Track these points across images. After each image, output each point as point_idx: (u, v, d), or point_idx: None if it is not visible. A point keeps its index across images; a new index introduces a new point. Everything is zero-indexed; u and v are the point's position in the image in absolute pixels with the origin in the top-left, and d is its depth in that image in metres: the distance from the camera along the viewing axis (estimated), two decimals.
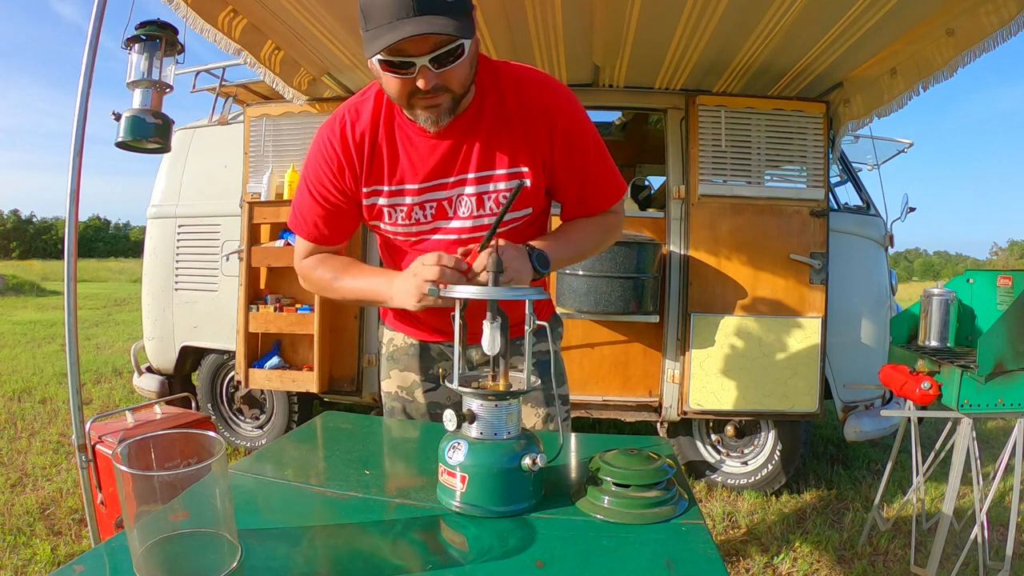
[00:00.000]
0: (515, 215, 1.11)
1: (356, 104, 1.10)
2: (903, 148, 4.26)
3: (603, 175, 1.15)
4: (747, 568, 2.30)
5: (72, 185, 1.89)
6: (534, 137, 1.07)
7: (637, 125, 4.49)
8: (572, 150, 1.09)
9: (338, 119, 1.09)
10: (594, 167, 1.13)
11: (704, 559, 0.70)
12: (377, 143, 1.08)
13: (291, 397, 3.24)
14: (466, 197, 1.09)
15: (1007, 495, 2.68)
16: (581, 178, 1.13)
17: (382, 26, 0.87)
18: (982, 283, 2.19)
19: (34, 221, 77.87)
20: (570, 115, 1.08)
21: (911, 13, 2.05)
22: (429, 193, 1.10)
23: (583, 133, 1.10)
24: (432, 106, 0.97)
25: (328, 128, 1.10)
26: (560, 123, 1.07)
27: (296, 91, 2.88)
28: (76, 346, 1.92)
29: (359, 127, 1.08)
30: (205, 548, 0.63)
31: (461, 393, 0.83)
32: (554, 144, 1.08)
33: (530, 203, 1.12)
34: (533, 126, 1.06)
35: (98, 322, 9.20)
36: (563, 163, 1.10)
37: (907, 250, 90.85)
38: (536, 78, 1.08)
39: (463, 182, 1.08)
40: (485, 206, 1.09)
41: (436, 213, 1.11)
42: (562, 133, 1.08)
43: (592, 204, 1.18)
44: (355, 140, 1.08)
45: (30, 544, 2.29)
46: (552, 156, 1.09)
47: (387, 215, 1.12)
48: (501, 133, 1.06)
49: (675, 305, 2.88)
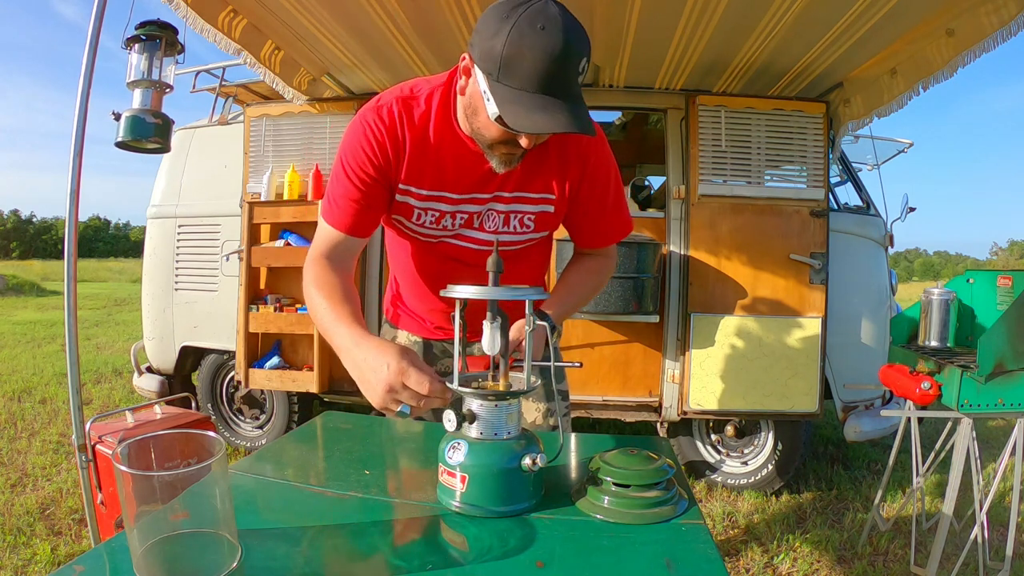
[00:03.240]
0: (534, 236, 1.18)
1: (406, 99, 1.07)
2: (903, 148, 4.26)
3: (618, 213, 1.22)
4: (747, 568, 2.30)
5: (72, 185, 1.89)
6: (567, 171, 1.13)
7: (637, 125, 4.49)
8: (596, 188, 1.16)
9: (386, 107, 1.07)
10: (612, 206, 1.20)
11: (704, 559, 0.70)
12: (423, 146, 1.07)
13: (291, 397, 3.24)
14: (496, 213, 1.14)
15: (1007, 495, 2.68)
16: (598, 215, 1.20)
17: (528, 94, 0.86)
18: (982, 283, 2.19)
19: (34, 221, 77.92)
20: (601, 156, 1.15)
21: (911, 13, 2.05)
22: (463, 204, 1.12)
23: (607, 174, 1.17)
24: (511, 155, 1.02)
25: (375, 112, 1.07)
26: (592, 163, 1.14)
27: (296, 91, 2.88)
28: (76, 346, 1.93)
29: (408, 124, 1.06)
30: (205, 548, 0.63)
31: (461, 393, 0.83)
32: (583, 180, 1.14)
33: (549, 227, 1.19)
34: (568, 160, 1.12)
35: (98, 322, 9.20)
36: (586, 198, 1.17)
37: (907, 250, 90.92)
38: None
39: (497, 199, 1.12)
40: (511, 224, 1.15)
41: (465, 223, 1.15)
42: (592, 172, 1.14)
43: (601, 239, 1.25)
44: (401, 133, 1.07)
45: (30, 544, 2.29)
46: (579, 191, 1.15)
47: (416, 215, 1.13)
48: (540, 162, 1.11)
49: (675, 305, 2.88)
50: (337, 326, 0.96)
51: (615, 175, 1.19)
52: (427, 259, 1.22)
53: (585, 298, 1.26)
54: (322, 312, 1.00)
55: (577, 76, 0.88)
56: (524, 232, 1.16)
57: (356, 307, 1.02)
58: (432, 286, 1.23)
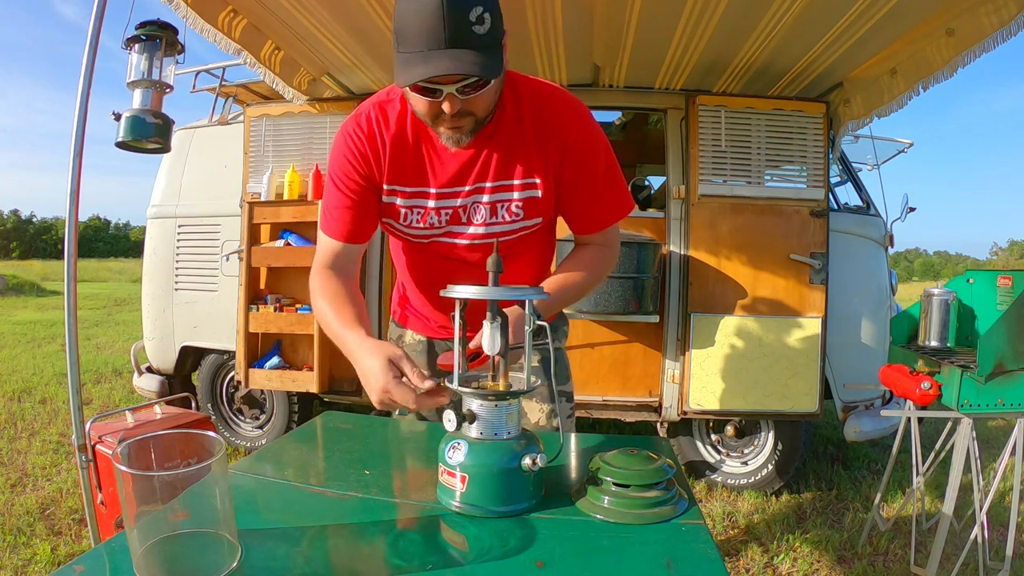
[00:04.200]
0: (527, 224, 1.14)
1: (382, 103, 1.12)
2: (903, 148, 4.26)
3: (610, 193, 1.16)
4: (747, 568, 2.30)
5: (72, 185, 1.89)
6: (547, 151, 1.10)
7: (637, 125, 4.49)
8: (581, 167, 1.12)
9: (364, 114, 1.12)
10: (603, 185, 1.15)
11: (704, 559, 0.70)
12: (402, 146, 1.11)
13: (291, 397, 3.24)
14: (481, 205, 1.12)
15: (1007, 495, 2.68)
16: (589, 195, 1.15)
17: (415, 53, 0.89)
18: (982, 283, 2.19)
19: (34, 221, 77.92)
20: (584, 133, 1.11)
21: (911, 13, 2.05)
22: (446, 200, 1.12)
23: (594, 151, 1.12)
24: (455, 128, 1.01)
25: (354, 121, 1.12)
26: (573, 140, 1.10)
27: (296, 91, 2.88)
28: (76, 346, 1.92)
29: (385, 127, 1.10)
30: (205, 548, 0.63)
31: (461, 393, 0.83)
32: (564, 160, 1.11)
33: (541, 213, 1.15)
34: (547, 141, 1.09)
35: (98, 322, 9.20)
36: (572, 179, 1.12)
37: (907, 250, 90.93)
38: (554, 95, 1.11)
39: (480, 191, 1.11)
40: (498, 214, 1.13)
41: (451, 219, 1.14)
42: (573, 150, 1.10)
43: (595, 221, 1.19)
44: (380, 137, 1.10)
45: (30, 544, 2.29)
46: (562, 171, 1.12)
47: (403, 215, 1.15)
48: (517, 145, 1.09)
49: (675, 305, 2.88)
50: (343, 331, 1.02)
51: (604, 151, 1.14)
52: (423, 260, 1.22)
53: (578, 294, 1.19)
54: (329, 319, 1.06)
55: (470, 26, 0.88)
56: (515, 220, 1.13)
57: (360, 310, 1.07)
58: (431, 286, 1.23)
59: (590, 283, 1.21)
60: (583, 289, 1.20)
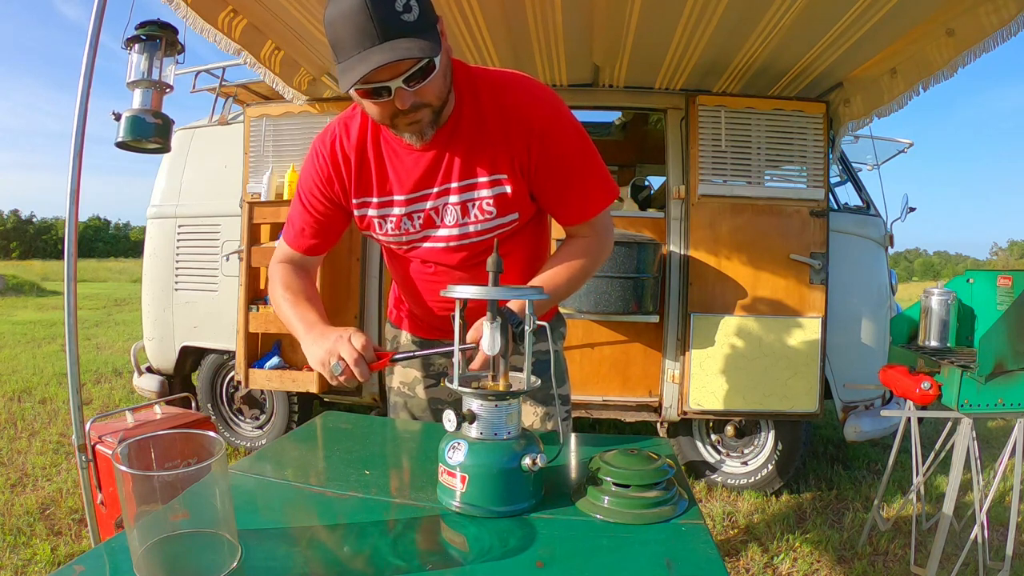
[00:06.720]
0: (502, 221, 1.10)
1: (346, 120, 1.14)
2: (903, 148, 4.25)
3: (588, 180, 1.10)
4: (747, 568, 2.30)
5: (72, 185, 1.89)
6: (512, 143, 1.05)
7: (637, 125, 4.49)
8: (551, 154, 1.06)
9: (329, 133, 1.15)
10: (578, 171, 1.09)
11: (704, 559, 0.70)
12: (365, 158, 1.12)
13: (291, 397, 3.24)
14: (451, 206, 1.10)
15: (1007, 495, 2.68)
16: (562, 180, 1.09)
17: (352, 57, 0.90)
18: (982, 283, 2.19)
19: (34, 221, 77.92)
20: (549, 118, 1.06)
21: (911, 13, 2.05)
22: (415, 204, 1.12)
23: (564, 136, 1.07)
24: (414, 123, 0.99)
25: (320, 141, 1.16)
26: (538, 127, 1.05)
27: (296, 91, 2.88)
28: (76, 346, 1.92)
29: (347, 143, 1.12)
30: (205, 548, 0.63)
31: (461, 393, 0.83)
32: (532, 149, 1.05)
33: (514, 209, 1.10)
34: (510, 132, 1.05)
35: (98, 322, 9.20)
36: (543, 168, 1.07)
37: (907, 250, 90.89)
38: (513, 82, 1.07)
39: (447, 192, 1.09)
40: (470, 213, 1.10)
41: (424, 223, 1.13)
42: (540, 137, 1.05)
43: (576, 208, 1.13)
44: (343, 154, 1.12)
45: (30, 544, 2.29)
46: (530, 161, 1.06)
47: (377, 225, 1.16)
48: (481, 141, 1.06)
49: (675, 305, 2.88)
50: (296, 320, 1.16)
51: (575, 135, 1.08)
52: (408, 267, 1.22)
53: (568, 288, 1.14)
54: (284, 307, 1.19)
55: (398, 16, 0.88)
56: (488, 219, 1.09)
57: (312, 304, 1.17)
58: (420, 291, 1.24)
59: (578, 278, 1.15)
60: (571, 284, 1.15)
